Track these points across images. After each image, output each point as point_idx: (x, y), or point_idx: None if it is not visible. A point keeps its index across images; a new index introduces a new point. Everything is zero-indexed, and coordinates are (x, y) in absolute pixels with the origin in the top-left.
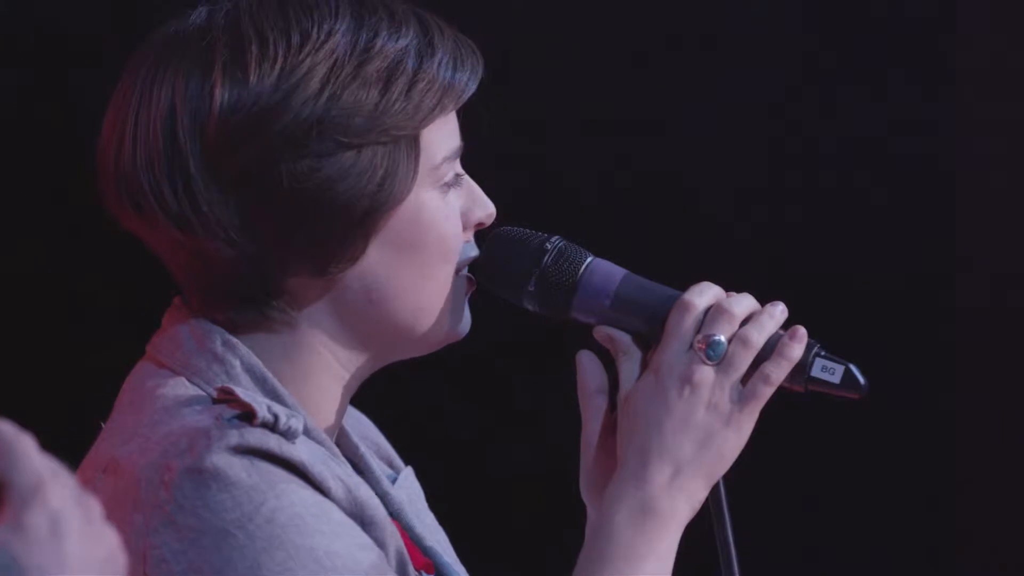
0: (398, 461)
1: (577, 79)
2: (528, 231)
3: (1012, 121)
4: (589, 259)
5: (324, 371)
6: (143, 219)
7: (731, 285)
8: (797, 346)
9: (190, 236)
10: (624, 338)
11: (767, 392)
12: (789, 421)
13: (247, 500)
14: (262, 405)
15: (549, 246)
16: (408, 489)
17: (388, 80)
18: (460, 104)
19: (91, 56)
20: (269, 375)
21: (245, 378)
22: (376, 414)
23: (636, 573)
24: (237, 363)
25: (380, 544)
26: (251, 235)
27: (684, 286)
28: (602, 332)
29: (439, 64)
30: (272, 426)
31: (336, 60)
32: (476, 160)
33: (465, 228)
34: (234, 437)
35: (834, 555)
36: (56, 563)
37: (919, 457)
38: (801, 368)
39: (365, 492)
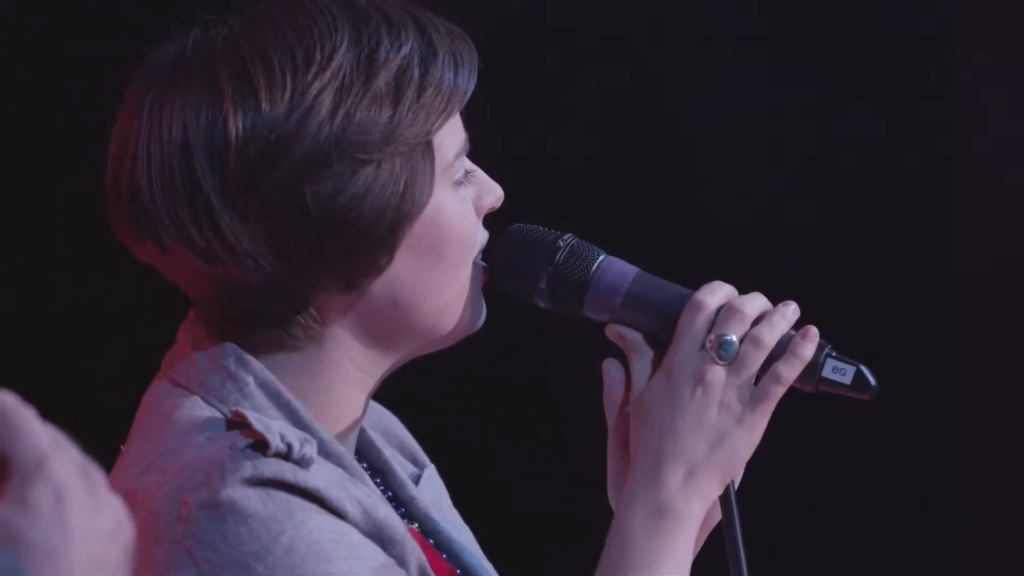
0: (422, 456)
1: (578, 77)
2: (540, 228)
3: (1012, 121)
4: (601, 257)
5: (347, 381)
6: (165, 253)
7: (731, 284)
8: (809, 345)
9: (218, 267)
10: (636, 337)
11: (779, 391)
12: (789, 421)
13: (265, 532)
14: (275, 434)
15: (562, 243)
16: (432, 489)
17: (398, 91)
18: (465, 101)
19: (93, 56)
20: (284, 390)
21: (259, 394)
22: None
23: (656, 575)
24: (251, 379)
25: (401, 562)
26: (281, 260)
27: (685, 286)
28: (614, 331)
29: (442, 65)
30: (286, 455)
31: (344, 78)
32: (476, 159)
33: (476, 217)
34: (248, 469)
35: (834, 555)
36: (61, 538)
37: (919, 457)
38: (812, 368)
39: (384, 511)
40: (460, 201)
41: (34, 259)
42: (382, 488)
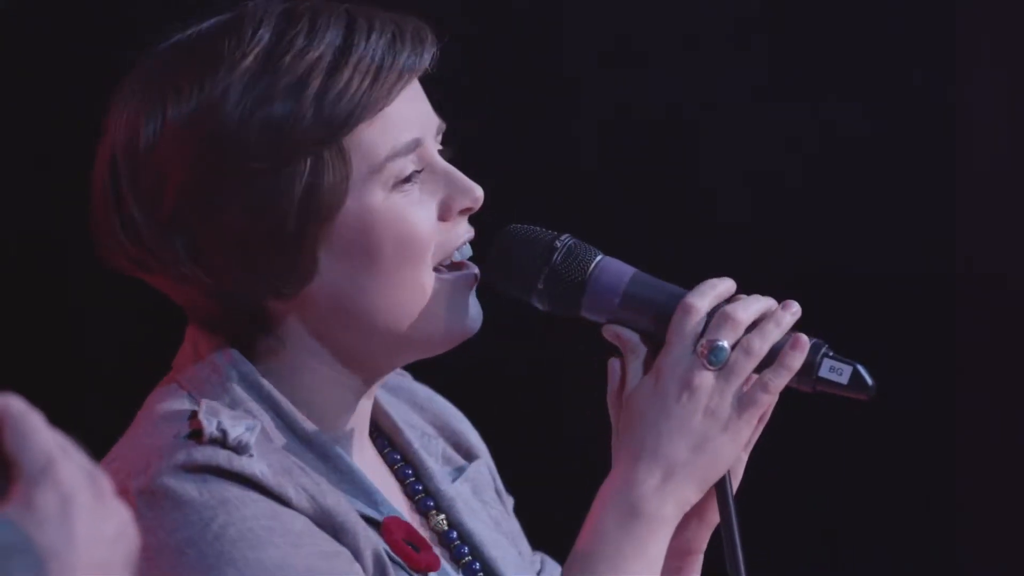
0: (477, 450)
1: (578, 78)
2: (538, 229)
3: (1013, 120)
4: (599, 257)
5: (325, 383)
6: (112, 260)
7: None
8: (797, 355)
9: (156, 277)
10: (632, 337)
11: (766, 400)
12: (790, 421)
13: (197, 518)
14: (212, 421)
15: (559, 244)
16: (474, 481)
17: (297, 96)
18: (389, 101)
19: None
20: (265, 385)
21: (239, 388)
22: None
23: (621, 575)
24: (234, 374)
25: (354, 549)
26: (201, 268)
27: (685, 286)
28: (611, 331)
29: (355, 70)
30: (222, 441)
31: (246, 84)
32: (479, 159)
33: (447, 218)
34: (182, 455)
35: (834, 555)
36: (65, 542)
37: (919, 457)
38: (809, 368)
39: (333, 500)
40: (400, 203)
41: (34, 259)
42: (413, 479)
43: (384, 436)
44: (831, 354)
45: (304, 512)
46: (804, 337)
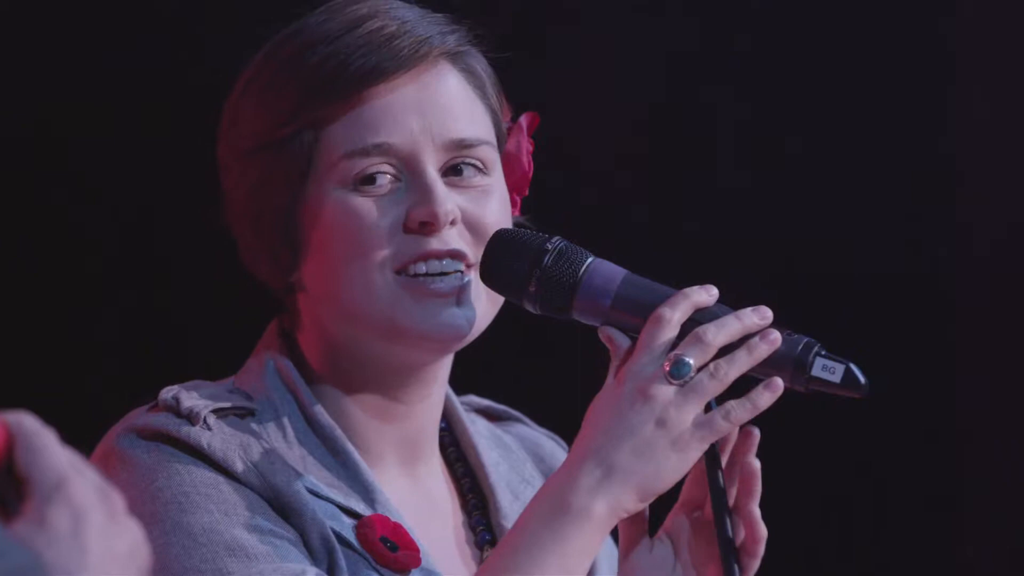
0: None
1: (577, 79)
2: (528, 232)
3: (1013, 121)
4: (590, 259)
5: (339, 376)
6: None
7: (731, 285)
8: (768, 396)
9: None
10: (623, 342)
11: (725, 429)
12: (789, 421)
13: (140, 479)
14: (170, 392)
15: (550, 247)
16: None
17: (260, 96)
18: (345, 98)
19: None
20: (293, 375)
21: (271, 378)
22: None
23: (534, 565)
24: (271, 364)
25: (300, 530)
26: (240, 252)
27: (684, 286)
28: (605, 333)
29: (311, 74)
30: (175, 410)
31: (242, 91)
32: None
33: (411, 228)
34: (140, 421)
35: (834, 555)
36: (78, 560)
37: (919, 457)
38: (802, 368)
39: (282, 479)
40: (356, 201)
41: (34, 257)
42: (479, 513)
43: (469, 468)
44: (823, 353)
45: (251, 487)
46: (779, 380)
